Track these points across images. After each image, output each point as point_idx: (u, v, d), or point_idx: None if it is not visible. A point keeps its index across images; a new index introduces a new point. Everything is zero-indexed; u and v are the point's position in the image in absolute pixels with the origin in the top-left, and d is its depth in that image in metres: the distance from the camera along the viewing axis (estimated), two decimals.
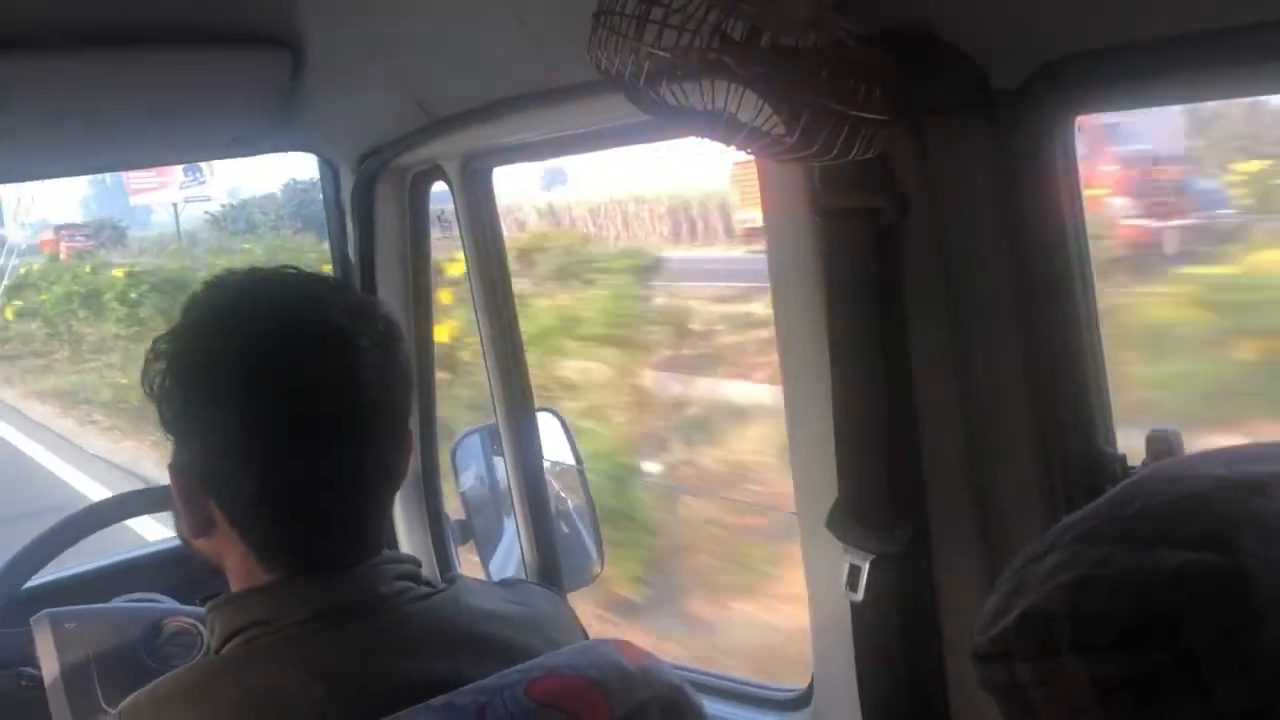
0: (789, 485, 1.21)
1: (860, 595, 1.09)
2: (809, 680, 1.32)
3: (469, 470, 2.14)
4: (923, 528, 1.07)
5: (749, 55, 0.75)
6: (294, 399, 0.89)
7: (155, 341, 0.93)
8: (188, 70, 1.49)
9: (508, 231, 1.89)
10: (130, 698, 0.92)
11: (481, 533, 2.12)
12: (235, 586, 0.96)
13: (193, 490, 0.93)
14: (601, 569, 2.06)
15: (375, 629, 0.92)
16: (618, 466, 5.75)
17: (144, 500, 1.79)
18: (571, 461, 2.04)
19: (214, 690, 0.90)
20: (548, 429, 1.95)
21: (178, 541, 2.07)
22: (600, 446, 5.73)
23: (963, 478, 1.05)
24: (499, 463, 2.12)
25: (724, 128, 0.81)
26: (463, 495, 2.13)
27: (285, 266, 0.98)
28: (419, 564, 0.99)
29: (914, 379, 1.05)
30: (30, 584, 1.66)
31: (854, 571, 1.09)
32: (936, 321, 1.02)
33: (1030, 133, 0.93)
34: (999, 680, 0.56)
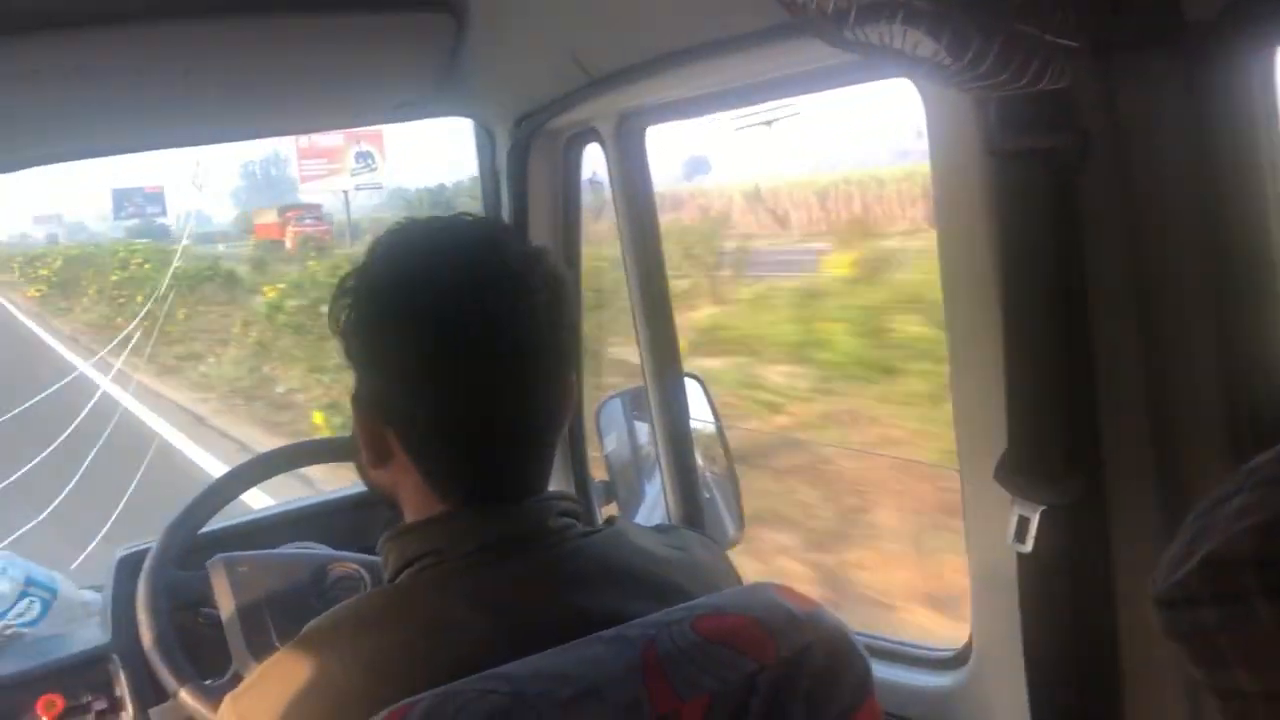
0: None
1: (1029, 547, 1.07)
2: (967, 637, 1.30)
3: (612, 433, 2.17)
4: (1097, 478, 1.05)
5: None
6: (470, 333, 0.93)
7: (342, 279, 0.99)
8: (355, 36, 1.54)
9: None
10: (310, 623, 0.97)
11: (624, 494, 2.15)
12: (409, 517, 1.00)
13: (373, 420, 0.98)
14: (740, 536, 2.07)
15: (541, 562, 0.95)
16: None
17: (314, 450, 1.87)
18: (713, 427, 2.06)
19: (388, 618, 0.94)
20: (692, 394, 1.97)
21: (336, 494, 2.17)
22: None
23: (1142, 426, 1.02)
24: (641, 426, 2.16)
25: (912, 63, 0.80)
26: (606, 457, 2.17)
27: (463, 213, 1.03)
28: (581, 503, 1.02)
29: (1091, 325, 1.02)
30: (202, 531, 1.75)
31: (1023, 523, 1.08)
32: (1117, 265, 1.00)
33: (1225, 67, 0.90)
34: (1183, 626, 0.55)
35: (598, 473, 2.20)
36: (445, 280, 0.94)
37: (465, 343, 0.93)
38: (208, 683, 1.53)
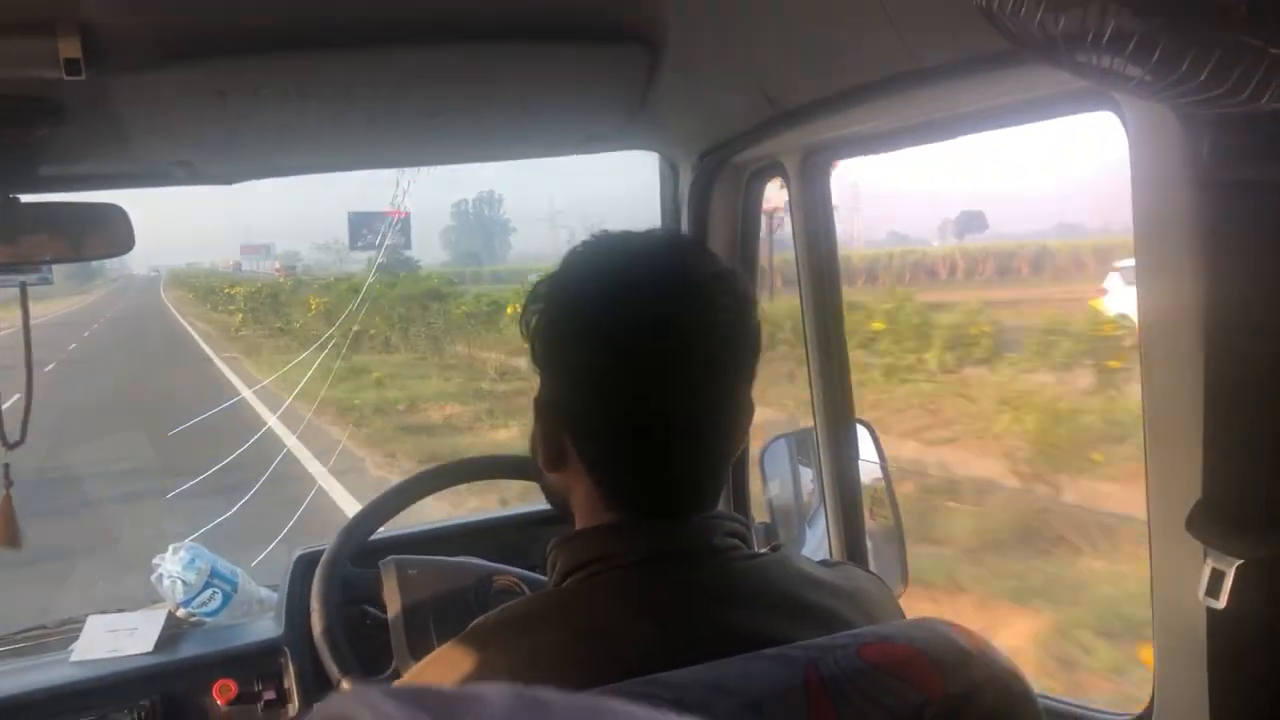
0: None
1: (1222, 603, 1.01)
2: (1147, 701, 1.23)
3: (775, 475, 2.16)
4: None
5: None
6: (653, 343, 0.95)
7: (535, 285, 1.02)
8: (551, 66, 1.60)
9: None
10: (477, 620, 1.00)
11: (785, 537, 2.13)
12: (580, 522, 1.02)
13: (552, 423, 1.00)
14: (903, 590, 2.01)
15: (706, 577, 0.95)
16: None
17: (492, 465, 1.93)
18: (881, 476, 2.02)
19: (553, 620, 0.95)
20: (862, 441, 1.94)
21: (504, 513, 2.22)
22: None
23: None
24: (805, 470, 2.14)
25: (1119, 79, 0.78)
26: (769, 499, 2.16)
27: (657, 229, 1.06)
28: (748, 526, 1.01)
29: None
30: (374, 537, 1.82)
31: (1217, 576, 1.01)
32: None
33: None
34: None
35: (759, 515, 2.19)
36: (633, 289, 0.96)
37: (647, 352, 0.95)
38: (372, 678, 1.59)
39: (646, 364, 0.95)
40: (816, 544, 2.09)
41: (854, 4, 1.25)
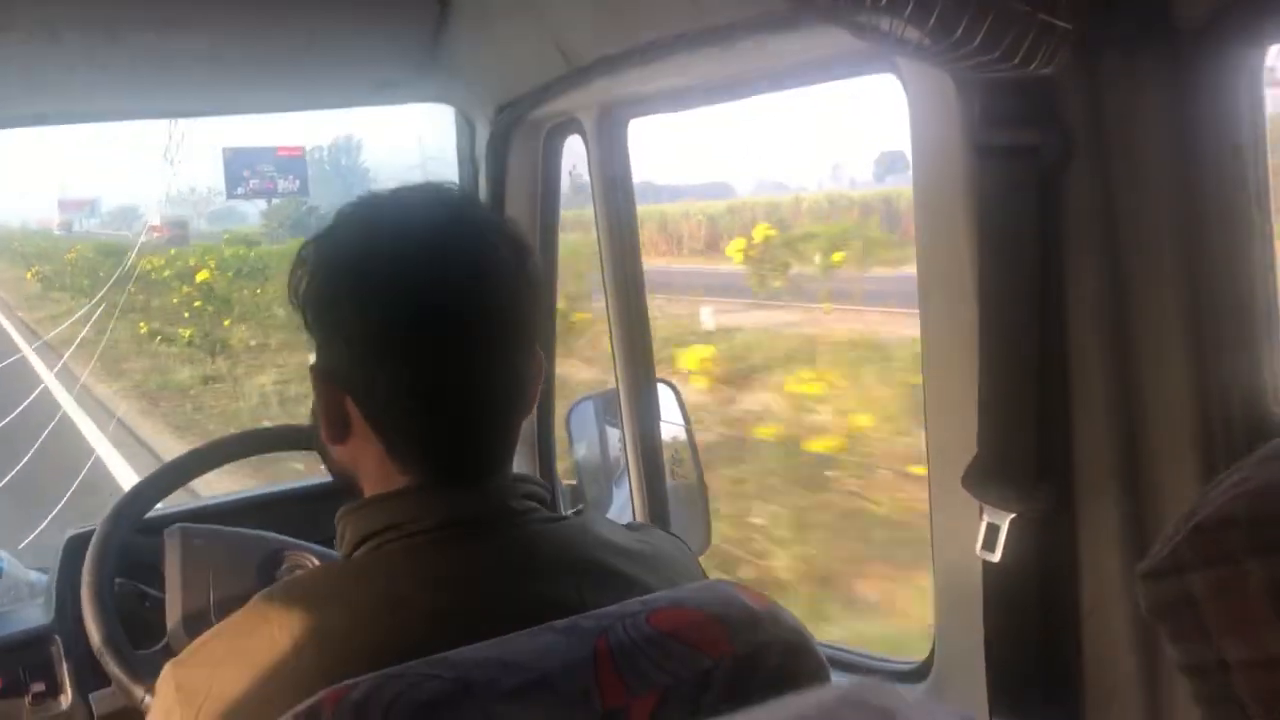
0: None
1: (997, 555, 1.05)
2: (928, 651, 1.27)
3: (582, 436, 2.15)
4: (1066, 487, 1.03)
5: None
6: (431, 299, 0.91)
7: (301, 248, 0.97)
8: (336, 12, 1.52)
9: None
10: (263, 591, 0.94)
11: (592, 498, 2.13)
12: (369, 490, 0.98)
13: (332, 392, 0.95)
14: (706, 547, 2.04)
15: (502, 544, 0.93)
16: None
17: (271, 437, 1.84)
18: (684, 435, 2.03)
19: (341, 593, 0.91)
20: (665, 400, 1.95)
21: (292, 485, 2.13)
22: None
23: (1114, 436, 1.00)
24: (612, 431, 2.13)
25: (897, 43, 0.78)
26: (576, 461, 2.14)
27: (430, 182, 1.01)
28: (547, 488, 0.99)
29: (1068, 330, 1.00)
30: (154, 513, 1.71)
31: (992, 531, 1.05)
32: (1096, 269, 0.98)
33: (1213, 70, 0.89)
34: (1169, 596, 0.54)
35: (567, 477, 2.18)
36: (406, 246, 0.92)
37: (426, 310, 0.91)
38: (141, 652, 1.50)
39: (424, 325, 0.91)
40: (623, 504, 2.09)
41: None
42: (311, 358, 0.97)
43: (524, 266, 0.95)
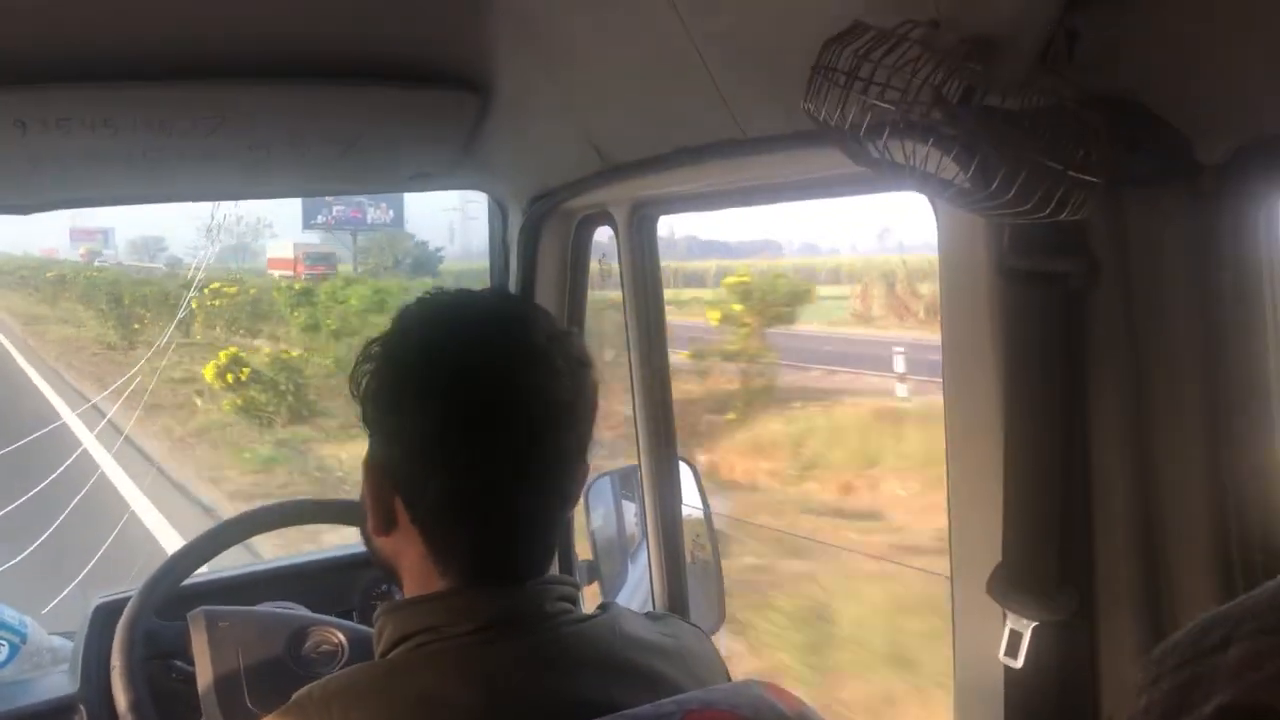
0: None
1: (1020, 662, 1.08)
2: None
3: (599, 511, 2.18)
4: (1088, 597, 1.06)
5: (970, 114, 0.77)
6: (488, 410, 0.94)
7: (367, 344, 1.00)
8: (379, 108, 1.58)
9: None
10: (301, 691, 0.97)
11: (608, 573, 2.15)
12: (409, 589, 1.00)
13: (382, 487, 0.98)
14: (720, 625, 2.06)
15: (537, 645, 0.95)
16: None
17: (311, 510, 1.87)
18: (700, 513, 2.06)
19: (384, 691, 0.93)
20: (684, 479, 1.98)
21: (317, 555, 2.16)
22: None
23: (1132, 550, 1.03)
24: (629, 506, 2.16)
25: (934, 184, 0.83)
26: (592, 534, 2.17)
27: (494, 288, 1.05)
28: (579, 587, 1.02)
29: (1090, 446, 1.04)
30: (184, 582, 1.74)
31: (1014, 637, 1.08)
32: (1119, 391, 1.01)
33: (1233, 209, 0.93)
34: None
35: (583, 552, 2.20)
36: (468, 354, 0.95)
37: (483, 420, 0.94)
38: None
39: (481, 429, 0.94)
40: (638, 580, 2.12)
41: (682, 70, 1.28)
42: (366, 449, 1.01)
43: (583, 383, 0.98)
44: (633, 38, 1.33)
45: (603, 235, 1.86)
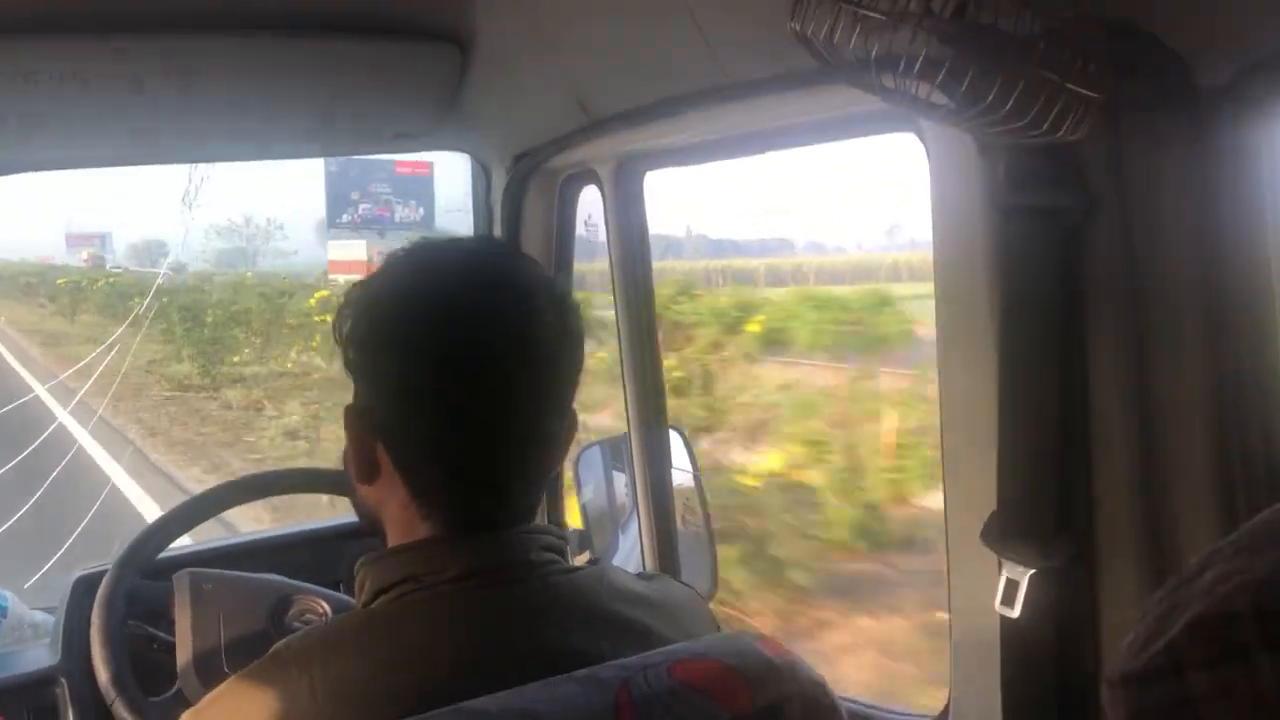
0: None
1: (1017, 611, 1.05)
2: (944, 704, 1.27)
3: (590, 481, 2.16)
4: (1087, 542, 1.03)
5: (964, 27, 0.74)
6: (471, 354, 0.92)
7: (349, 289, 0.98)
8: (359, 62, 1.55)
9: None
10: (280, 643, 0.94)
11: (599, 543, 2.13)
12: (392, 537, 0.98)
13: (365, 433, 0.96)
14: (713, 592, 2.04)
15: (521, 595, 0.93)
16: None
17: (290, 480, 1.84)
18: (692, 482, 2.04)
19: (360, 643, 0.91)
20: (674, 447, 1.96)
21: (304, 527, 2.13)
22: None
23: (1134, 492, 1.01)
24: (619, 476, 2.14)
25: (926, 106, 0.80)
26: (583, 505, 2.15)
27: (482, 236, 1.03)
28: (566, 539, 0.99)
29: (1089, 387, 1.01)
30: (167, 552, 1.71)
31: (1011, 586, 1.06)
32: (1118, 328, 0.99)
33: (1233, 133, 0.90)
34: (1165, 700, 0.51)
35: (573, 521, 2.18)
36: (451, 297, 0.93)
37: (467, 361, 0.92)
38: (153, 699, 1.49)
39: (466, 373, 0.92)
40: (629, 549, 2.09)
41: (666, 17, 1.25)
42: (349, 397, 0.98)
43: (569, 327, 0.96)
44: None
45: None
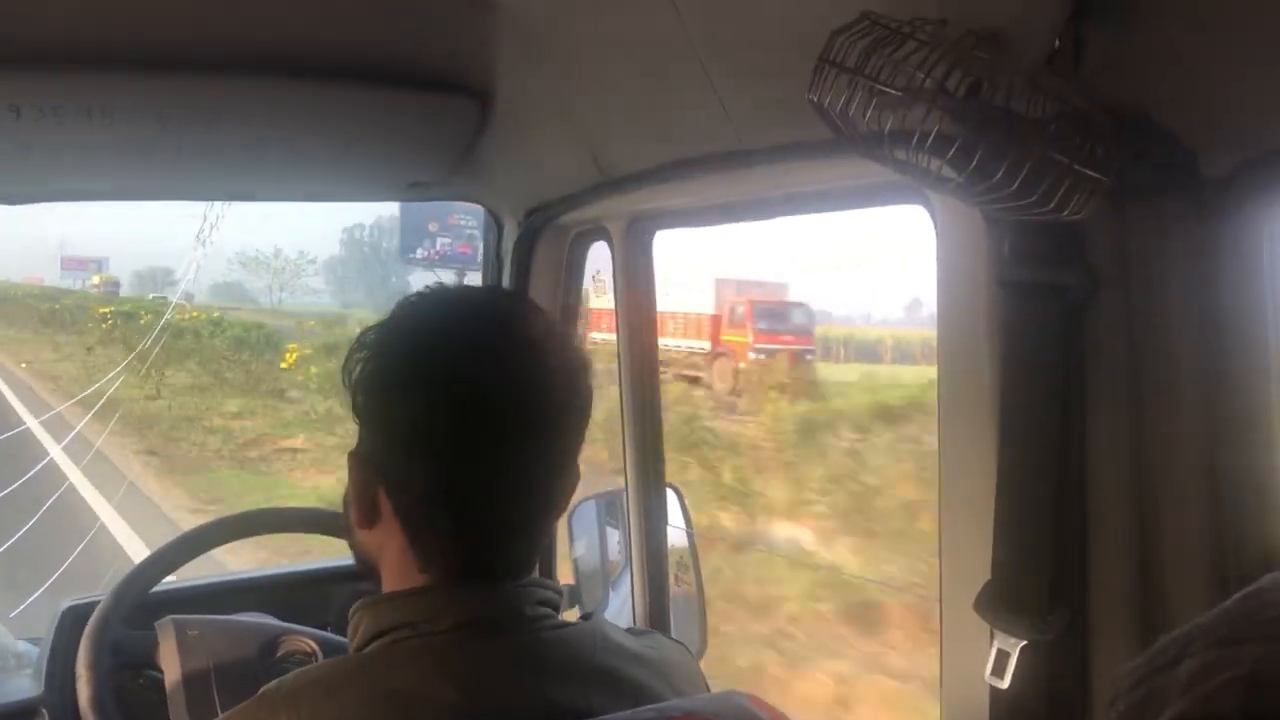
0: None
1: (1006, 683, 1.05)
2: None
3: (583, 536, 2.15)
4: (1080, 615, 1.04)
5: (976, 105, 0.77)
6: (479, 407, 0.93)
7: (362, 333, 0.99)
8: (378, 109, 1.58)
9: None
10: (269, 685, 0.94)
11: (589, 599, 2.12)
12: (388, 583, 0.98)
13: (367, 478, 0.97)
14: (704, 651, 2.03)
15: (515, 647, 0.93)
16: None
17: (283, 518, 1.84)
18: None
19: (354, 685, 0.91)
20: (670, 505, 1.96)
21: (293, 568, 2.12)
22: None
23: (1129, 568, 1.01)
24: (612, 532, 2.14)
25: (936, 179, 0.82)
26: (575, 560, 2.14)
27: (496, 286, 1.04)
28: (560, 593, 1.00)
29: (1086, 462, 1.02)
30: (153, 590, 1.70)
31: (1002, 657, 1.06)
32: (1116, 406, 1.00)
33: (1235, 224, 0.92)
34: None
35: (564, 576, 2.17)
36: (463, 345, 0.94)
37: (471, 412, 0.92)
38: None
39: (469, 421, 0.92)
40: (619, 606, 2.09)
41: (684, 80, 1.28)
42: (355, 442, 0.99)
43: (578, 384, 0.97)
44: (635, 46, 1.33)
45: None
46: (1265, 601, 0.52)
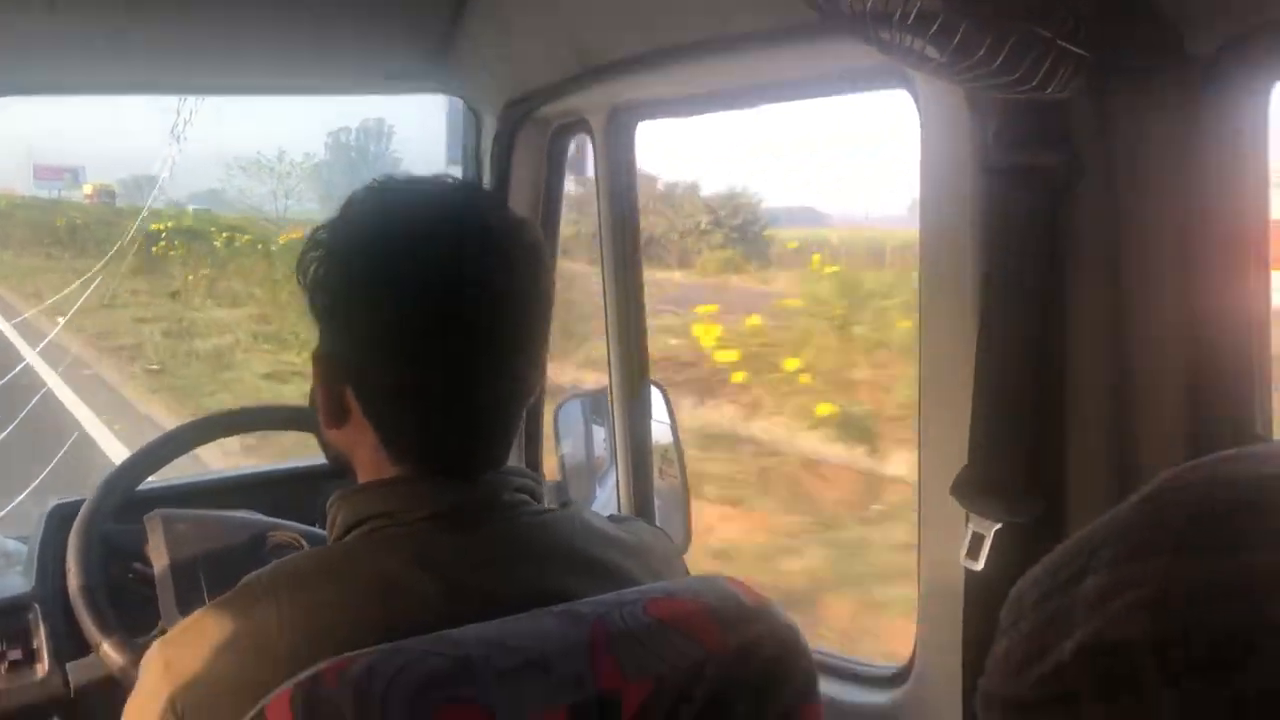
0: None
1: (980, 564, 1.07)
2: (909, 656, 1.30)
3: (569, 435, 2.16)
4: (1057, 501, 1.05)
5: None
6: (442, 293, 0.91)
7: (314, 231, 0.97)
8: (354, 1, 1.54)
9: None
10: (249, 576, 0.95)
11: (575, 496, 2.14)
12: (363, 478, 0.98)
13: (333, 377, 0.96)
14: (686, 547, 2.06)
15: (493, 534, 0.94)
16: None
17: (263, 416, 1.84)
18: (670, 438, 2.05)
19: (330, 576, 0.92)
20: (655, 402, 1.97)
21: (280, 466, 2.13)
22: None
23: (1106, 453, 1.02)
24: (598, 430, 2.15)
25: (919, 58, 0.81)
26: (561, 458, 2.16)
27: (446, 175, 1.02)
28: (540, 481, 1.00)
29: (1064, 346, 1.03)
30: (140, 488, 1.71)
31: (977, 539, 1.08)
32: (1097, 290, 1.00)
33: (1219, 101, 0.91)
34: None
35: (551, 474, 2.19)
36: (422, 242, 0.92)
37: (435, 310, 0.91)
38: (135, 640, 1.49)
39: (436, 318, 0.91)
40: (605, 501, 2.11)
41: None
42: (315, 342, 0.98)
43: (539, 275, 0.96)
44: None
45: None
46: (1166, 504, 0.49)
